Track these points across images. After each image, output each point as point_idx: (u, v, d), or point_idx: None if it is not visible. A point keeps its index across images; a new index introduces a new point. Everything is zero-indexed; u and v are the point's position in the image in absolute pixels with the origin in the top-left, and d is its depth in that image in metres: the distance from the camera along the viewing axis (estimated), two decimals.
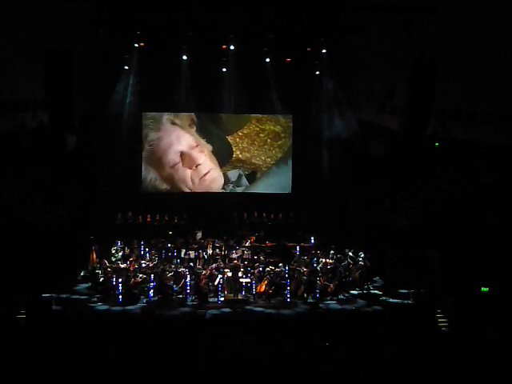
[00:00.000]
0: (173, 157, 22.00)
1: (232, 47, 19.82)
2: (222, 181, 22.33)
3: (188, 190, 22.08)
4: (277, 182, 22.61)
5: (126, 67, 20.48)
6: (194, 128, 22.09)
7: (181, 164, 22.04)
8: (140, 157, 21.98)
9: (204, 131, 22.12)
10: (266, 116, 22.40)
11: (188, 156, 22.03)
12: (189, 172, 22.10)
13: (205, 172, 22.17)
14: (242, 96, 20.99)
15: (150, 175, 22.07)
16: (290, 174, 22.56)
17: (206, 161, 22.19)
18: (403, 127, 19.06)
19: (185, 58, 20.37)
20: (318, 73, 21.63)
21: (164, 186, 22.15)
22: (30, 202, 18.85)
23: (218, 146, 22.21)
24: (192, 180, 22.11)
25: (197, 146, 22.06)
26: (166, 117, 21.99)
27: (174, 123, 22.04)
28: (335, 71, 20.96)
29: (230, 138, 22.36)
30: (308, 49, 20.49)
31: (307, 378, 10.66)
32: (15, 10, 18.05)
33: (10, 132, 19.83)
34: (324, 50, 20.43)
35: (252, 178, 22.59)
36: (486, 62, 19.10)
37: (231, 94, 21.10)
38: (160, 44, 19.88)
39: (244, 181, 22.49)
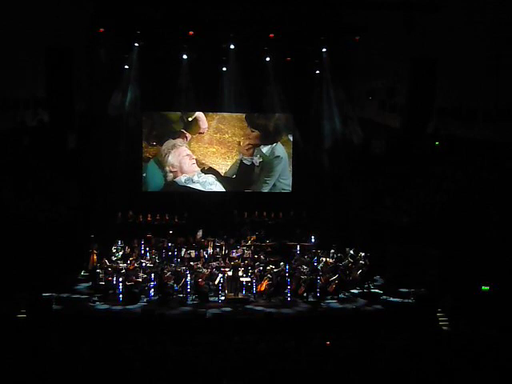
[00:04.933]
0: None
1: (232, 46, 19.81)
2: None
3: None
4: None
5: (127, 66, 20.49)
6: None
7: None
8: (140, 155, 21.98)
9: None
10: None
11: None
12: None
13: None
14: (242, 95, 20.96)
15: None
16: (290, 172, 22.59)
17: None
18: (404, 125, 19.06)
19: (185, 57, 20.37)
20: (318, 72, 21.61)
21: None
22: (30, 199, 18.83)
23: None
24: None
25: None
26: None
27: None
28: (336, 70, 20.92)
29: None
30: (308, 48, 20.46)
31: (307, 378, 10.64)
32: (16, 8, 18.04)
33: (10, 130, 19.85)
34: (324, 49, 20.40)
35: None
36: (487, 60, 19.04)
37: (231, 94, 21.09)
38: (160, 43, 19.89)
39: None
